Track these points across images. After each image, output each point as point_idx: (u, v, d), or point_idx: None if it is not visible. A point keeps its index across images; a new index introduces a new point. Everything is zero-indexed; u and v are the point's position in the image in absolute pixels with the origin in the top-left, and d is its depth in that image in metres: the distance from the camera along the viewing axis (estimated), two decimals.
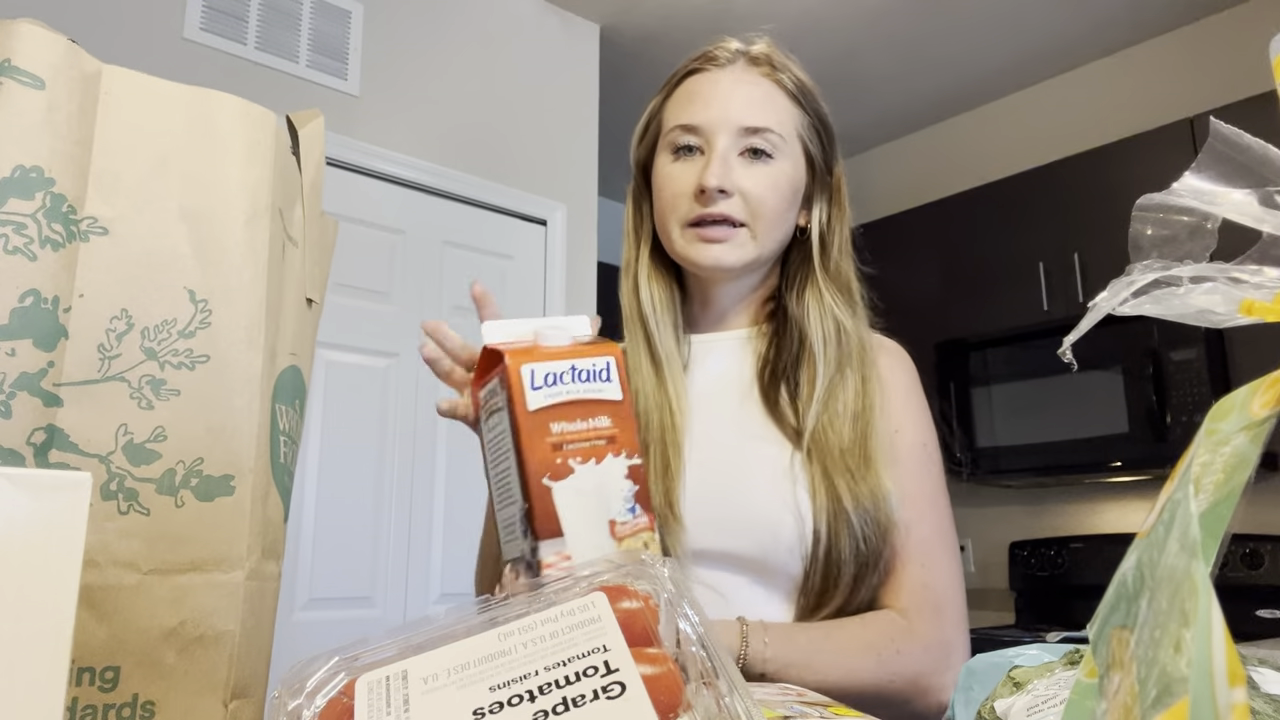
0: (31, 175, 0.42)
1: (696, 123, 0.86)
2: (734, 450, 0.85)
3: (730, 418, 0.87)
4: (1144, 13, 2.92)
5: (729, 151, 0.85)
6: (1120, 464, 2.60)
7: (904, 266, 3.11)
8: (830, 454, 0.81)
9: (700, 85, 0.88)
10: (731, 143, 0.85)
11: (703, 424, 0.87)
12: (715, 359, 0.91)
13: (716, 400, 0.88)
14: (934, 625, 0.79)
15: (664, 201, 0.88)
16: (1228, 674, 0.19)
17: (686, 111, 0.88)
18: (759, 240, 0.86)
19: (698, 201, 0.85)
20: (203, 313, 0.46)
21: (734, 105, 0.86)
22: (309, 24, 2.37)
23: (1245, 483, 0.22)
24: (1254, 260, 0.26)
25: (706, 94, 0.87)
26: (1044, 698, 0.42)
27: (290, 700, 0.33)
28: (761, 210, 0.85)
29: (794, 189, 0.88)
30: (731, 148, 0.85)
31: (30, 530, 0.28)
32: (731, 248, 0.85)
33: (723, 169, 0.83)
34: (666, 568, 0.36)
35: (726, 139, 0.85)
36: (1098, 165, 2.74)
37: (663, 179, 0.88)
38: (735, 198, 0.84)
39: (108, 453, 0.43)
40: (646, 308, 0.90)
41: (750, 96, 0.86)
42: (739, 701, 0.30)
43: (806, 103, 0.90)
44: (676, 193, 0.86)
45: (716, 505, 0.82)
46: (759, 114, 0.86)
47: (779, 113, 0.87)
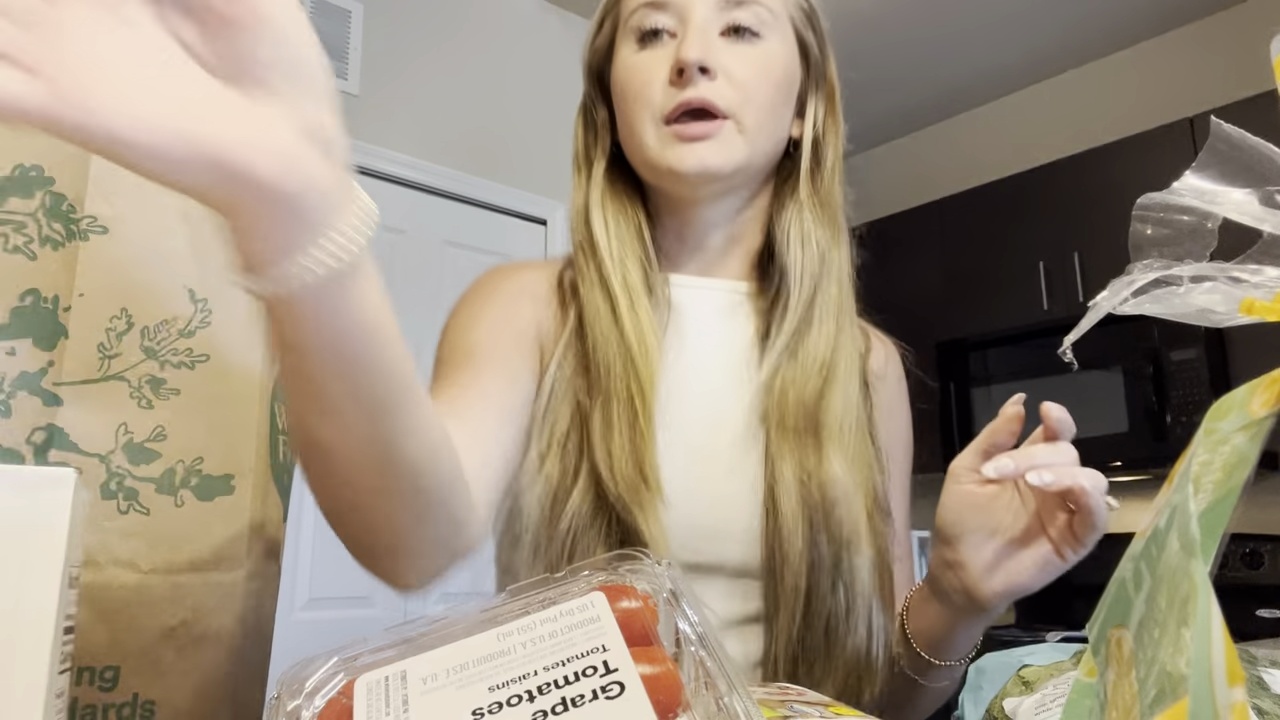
0: (31, 174, 0.42)
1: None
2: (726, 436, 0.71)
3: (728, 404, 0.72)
4: (1144, 12, 2.92)
5: (710, 25, 0.69)
6: (1120, 464, 2.60)
7: (904, 266, 3.11)
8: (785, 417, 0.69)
9: None
10: (711, 16, 0.70)
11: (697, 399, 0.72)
12: (707, 315, 0.75)
13: (711, 372, 0.73)
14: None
15: (630, 96, 0.71)
16: (1227, 673, 0.19)
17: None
18: (748, 136, 0.70)
19: (674, 86, 0.69)
20: (202, 312, 0.46)
21: None
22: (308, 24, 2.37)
23: (1244, 482, 0.22)
24: (1254, 260, 0.26)
25: None
26: (1053, 697, 0.43)
27: (289, 700, 0.33)
28: (751, 96, 0.69)
29: (787, 77, 0.73)
30: (711, 21, 0.70)
31: (14, 526, 0.28)
32: (718, 146, 0.69)
33: (702, 41, 0.68)
34: (666, 567, 0.36)
35: (704, 11, 0.69)
36: (1098, 165, 2.74)
37: (628, 70, 0.72)
38: (719, 79, 0.68)
39: (107, 452, 0.43)
40: (599, 235, 0.73)
41: None
42: (738, 701, 0.30)
43: None
44: (646, 81, 0.70)
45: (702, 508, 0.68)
46: None
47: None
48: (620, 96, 0.74)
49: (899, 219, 3.24)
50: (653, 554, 0.37)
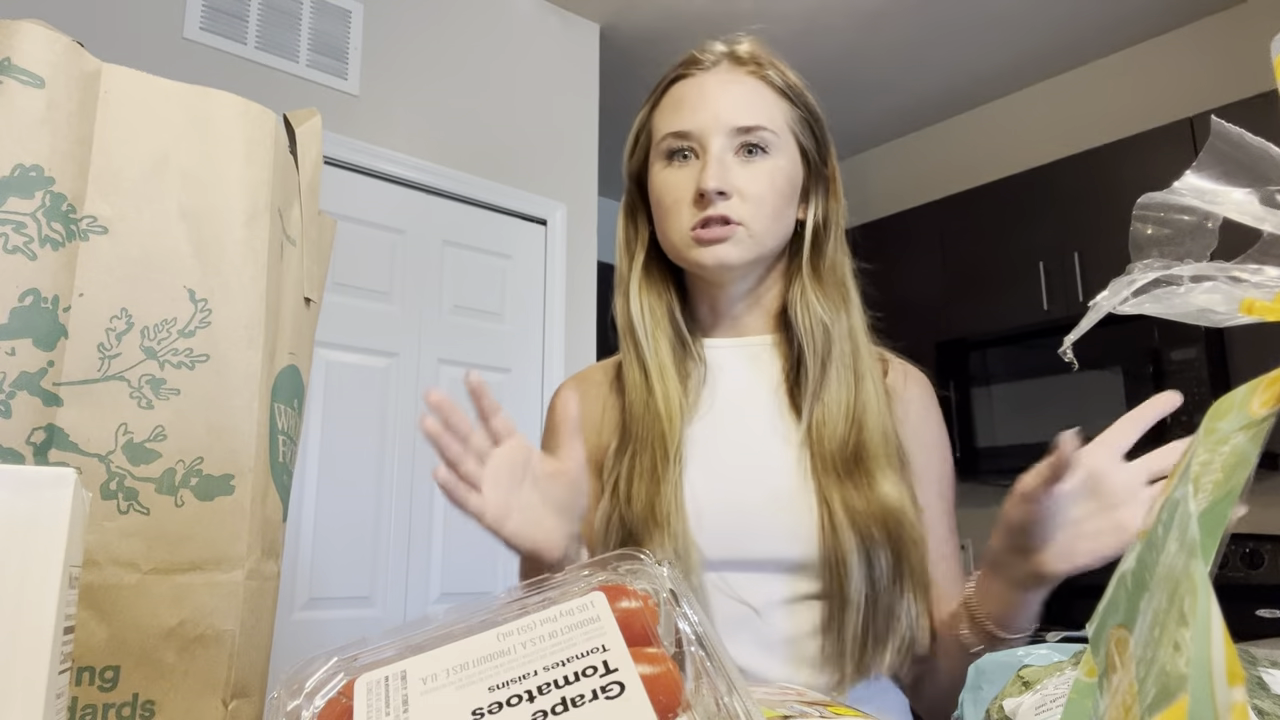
0: (31, 174, 0.42)
1: (687, 128, 0.86)
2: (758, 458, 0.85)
3: (760, 429, 0.87)
4: (1144, 13, 2.92)
5: (724, 152, 0.85)
6: None
7: (904, 266, 3.11)
8: (823, 454, 0.82)
9: (687, 91, 0.88)
10: (725, 143, 0.85)
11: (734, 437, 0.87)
12: (737, 366, 0.91)
13: (745, 411, 0.88)
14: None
15: (664, 209, 0.88)
16: (1227, 673, 0.19)
17: (676, 118, 0.88)
18: (757, 238, 0.85)
19: (697, 206, 0.85)
20: (202, 312, 0.46)
21: (723, 106, 0.86)
22: (309, 24, 2.37)
23: (1244, 482, 0.22)
24: (1254, 259, 0.26)
25: (694, 99, 0.87)
26: (1053, 697, 0.43)
27: (289, 700, 0.33)
28: (761, 208, 0.85)
29: (791, 184, 0.88)
30: (726, 148, 0.85)
31: (14, 526, 0.28)
32: (732, 245, 0.85)
33: (720, 171, 0.84)
34: (665, 567, 0.36)
35: (720, 140, 0.85)
36: (1098, 165, 2.74)
37: (660, 188, 0.88)
38: (733, 198, 0.84)
39: (107, 452, 0.43)
40: (636, 319, 0.90)
41: (738, 96, 0.86)
42: (738, 701, 0.30)
43: (795, 97, 0.89)
44: (677, 199, 0.86)
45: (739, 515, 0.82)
46: (749, 112, 0.86)
47: (769, 109, 0.87)
48: (656, 206, 0.90)
49: (899, 219, 3.24)
50: (654, 555, 0.37)
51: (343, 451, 2.26)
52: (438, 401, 0.64)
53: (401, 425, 2.38)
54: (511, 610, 0.35)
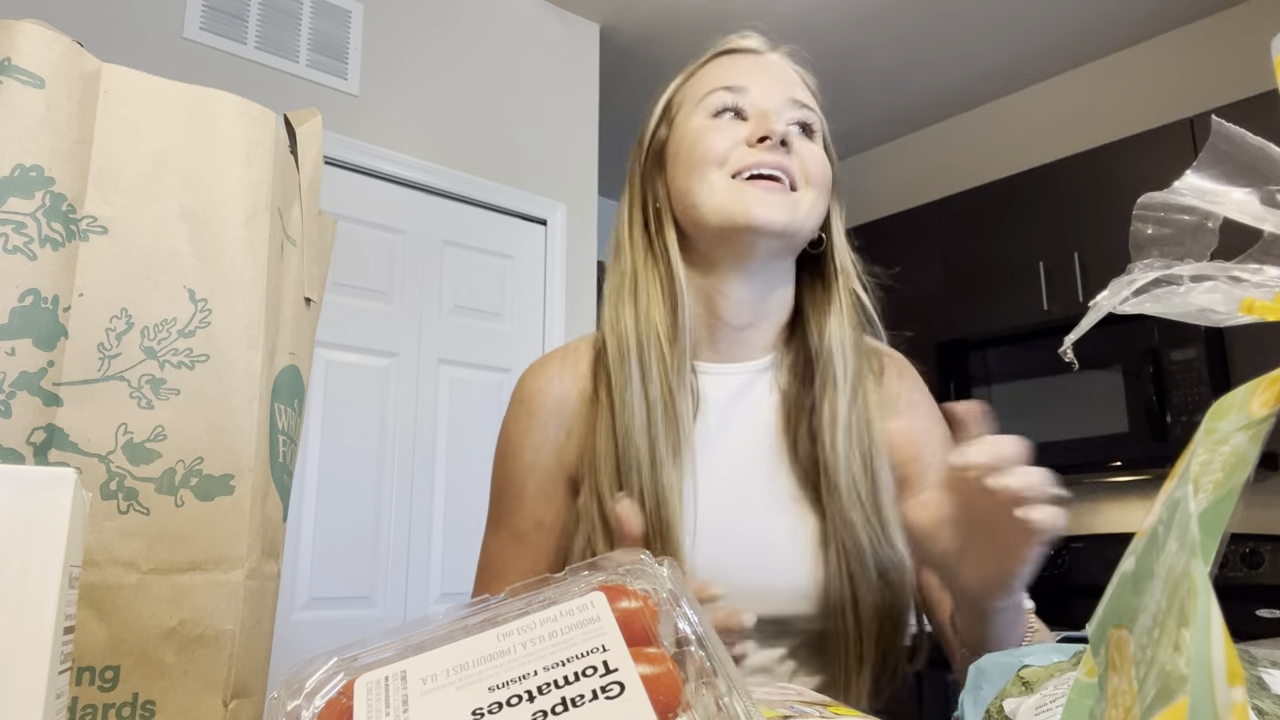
0: (31, 174, 0.42)
1: (743, 83, 0.80)
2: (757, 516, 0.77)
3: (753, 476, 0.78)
4: (1144, 13, 2.92)
5: (783, 115, 0.79)
6: (1120, 464, 2.60)
7: (904, 266, 3.09)
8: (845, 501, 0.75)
9: (738, 61, 0.83)
10: (783, 108, 0.79)
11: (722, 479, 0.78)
12: (731, 398, 0.82)
13: (737, 452, 0.80)
14: None
15: (701, 152, 0.77)
16: (1227, 673, 0.19)
17: (730, 74, 0.81)
18: (803, 210, 0.78)
19: (754, 150, 0.76)
20: (202, 312, 0.46)
21: (784, 80, 0.82)
22: (309, 24, 2.37)
23: (1244, 482, 0.22)
24: (1255, 259, 0.26)
25: (748, 66, 0.82)
26: (1053, 697, 0.43)
27: (289, 700, 0.33)
28: (814, 179, 0.79)
29: (831, 175, 0.82)
30: (784, 114, 0.79)
31: (14, 526, 0.28)
32: (784, 202, 0.76)
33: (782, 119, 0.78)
34: (665, 567, 0.36)
35: (780, 102, 0.79)
36: (1098, 165, 2.74)
37: (700, 132, 0.79)
38: (794, 158, 0.78)
39: (107, 452, 0.43)
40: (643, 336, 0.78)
41: (792, 78, 0.83)
42: (738, 701, 0.30)
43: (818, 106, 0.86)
44: (723, 142, 0.77)
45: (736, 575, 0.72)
46: (804, 93, 0.83)
47: (813, 99, 0.84)
48: (688, 155, 0.79)
49: (899, 219, 3.24)
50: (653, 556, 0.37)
51: (343, 451, 2.26)
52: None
53: (401, 425, 2.38)
54: (511, 610, 0.35)
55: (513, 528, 0.83)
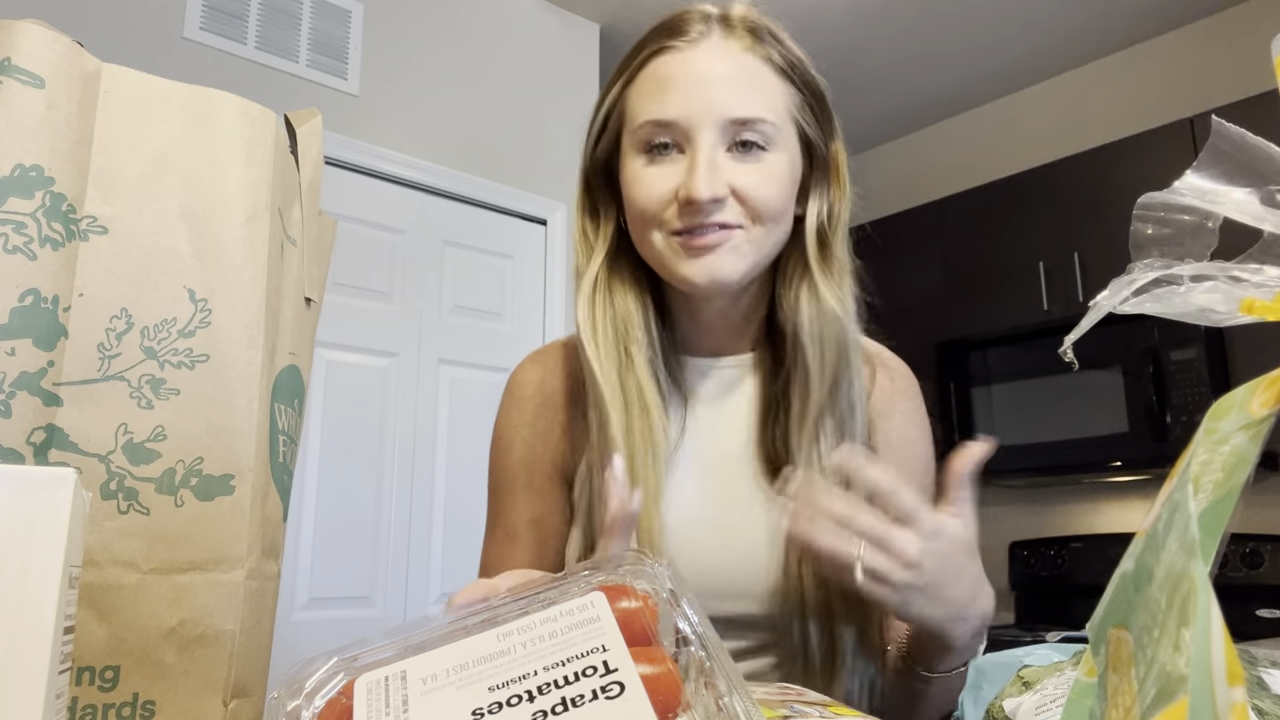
0: (31, 174, 0.42)
1: (671, 117, 0.70)
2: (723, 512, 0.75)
3: (723, 473, 0.76)
4: (1144, 13, 2.92)
5: (718, 150, 0.70)
6: (1120, 464, 2.60)
7: (904, 266, 3.11)
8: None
9: (670, 69, 0.72)
10: (717, 138, 0.70)
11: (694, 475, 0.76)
12: (713, 396, 0.79)
13: (711, 447, 0.77)
14: None
15: (638, 208, 0.73)
16: (1227, 673, 0.19)
17: (657, 104, 0.71)
18: (757, 244, 0.72)
19: (682, 212, 0.71)
20: (202, 312, 0.46)
21: (716, 93, 0.70)
22: (309, 24, 2.37)
23: (1244, 482, 0.22)
24: (1255, 259, 0.26)
25: (681, 81, 0.71)
26: (1053, 697, 0.43)
27: (289, 700, 0.33)
28: (760, 211, 0.71)
29: (793, 179, 0.74)
30: (719, 145, 0.70)
31: (14, 526, 0.28)
32: (729, 256, 0.71)
33: (711, 174, 0.69)
34: (666, 567, 0.36)
35: (711, 135, 0.70)
36: (1098, 165, 2.74)
37: (635, 184, 0.73)
38: (729, 202, 0.70)
39: (107, 452, 0.43)
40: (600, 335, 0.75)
41: (734, 79, 0.71)
42: (738, 701, 0.30)
43: (798, 75, 0.74)
44: (659, 199, 0.71)
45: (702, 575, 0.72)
46: (747, 102, 0.70)
47: (770, 96, 0.72)
48: (629, 203, 0.75)
49: (899, 219, 3.24)
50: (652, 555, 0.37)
51: (343, 451, 2.26)
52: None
53: (401, 425, 2.38)
54: (511, 610, 0.35)
55: (507, 526, 0.81)
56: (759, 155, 0.71)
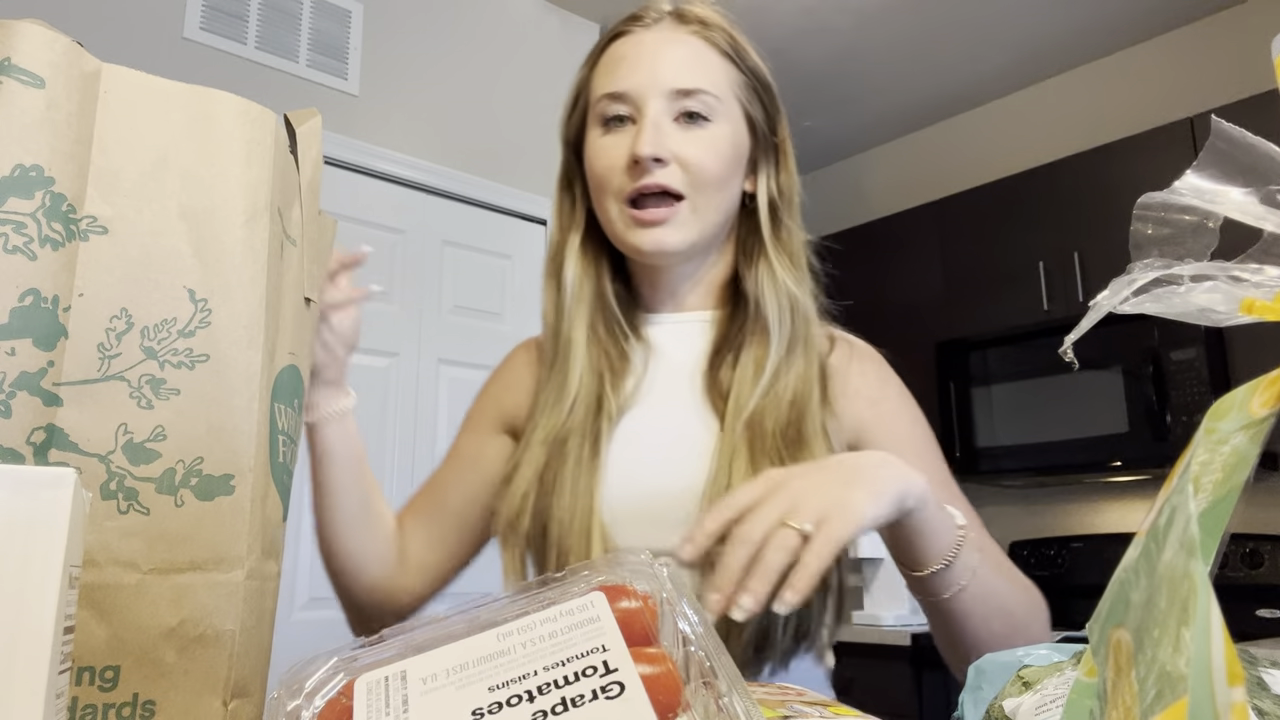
0: (31, 174, 0.42)
1: (623, 89, 0.79)
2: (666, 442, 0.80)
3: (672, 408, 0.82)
4: (1144, 13, 2.92)
5: (662, 117, 0.78)
6: (1120, 464, 2.60)
7: (904, 266, 3.11)
8: (763, 437, 0.76)
9: (625, 49, 0.81)
10: (664, 107, 0.78)
11: (645, 416, 0.81)
12: (675, 344, 0.85)
13: (666, 390, 0.83)
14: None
15: (596, 178, 0.81)
16: (1227, 673, 0.19)
17: (613, 78, 0.80)
18: (700, 214, 0.79)
19: (631, 174, 0.78)
20: (202, 312, 0.46)
21: (662, 66, 0.78)
22: (309, 24, 2.37)
23: (1244, 482, 0.22)
24: (1255, 259, 0.26)
25: (632, 57, 0.80)
26: (1053, 697, 0.43)
27: (289, 700, 0.33)
28: (702, 178, 0.78)
29: (736, 153, 0.81)
30: (664, 112, 0.78)
31: (14, 526, 0.28)
32: (673, 228, 0.78)
33: (656, 135, 0.77)
34: (666, 568, 0.36)
35: (658, 103, 0.78)
36: (1098, 165, 2.74)
37: (593, 154, 0.81)
38: (672, 166, 0.77)
39: (107, 452, 0.43)
40: (567, 299, 0.84)
41: (679, 56, 0.79)
42: (738, 701, 0.30)
43: (741, 60, 0.82)
44: (609, 166, 0.79)
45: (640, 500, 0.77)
46: (690, 74, 0.78)
47: (711, 72, 0.80)
48: (589, 175, 0.83)
49: (899, 219, 3.24)
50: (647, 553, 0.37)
51: None
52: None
53: (401, 425, 2.38)
54: (511, 610, 0.35)
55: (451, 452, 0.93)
56: (702, 125, 0.79)
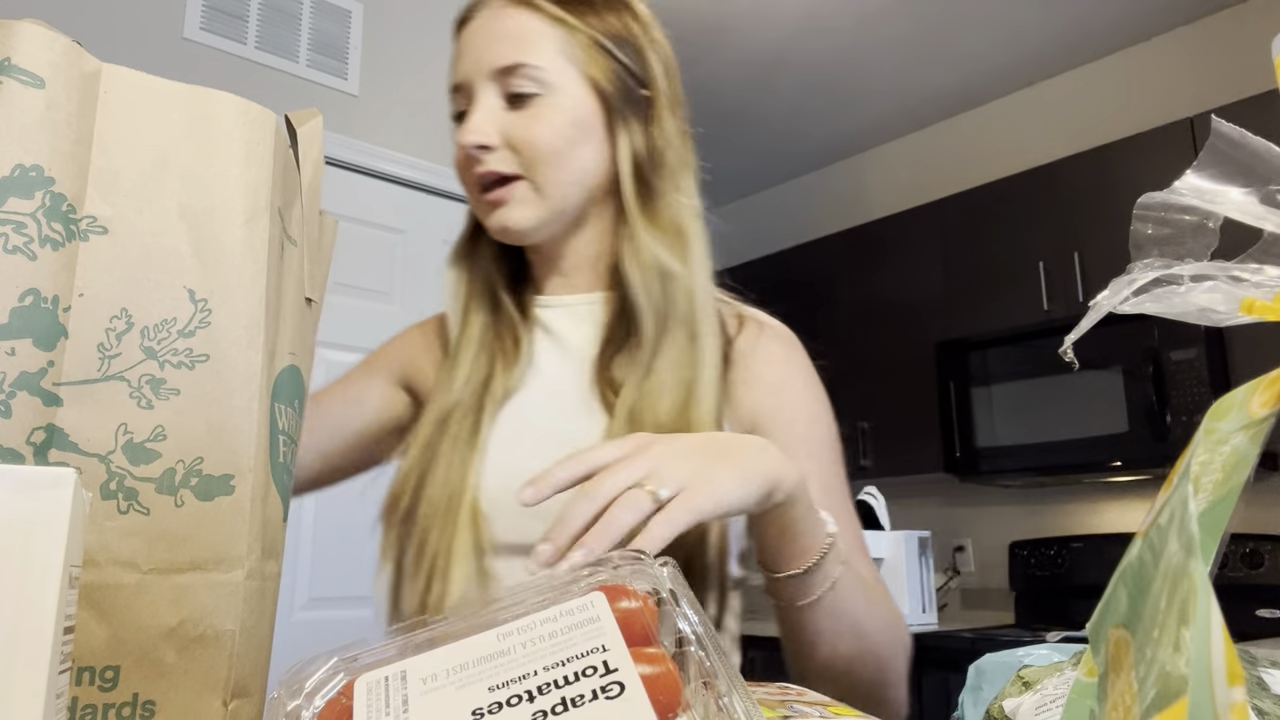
0: (31, 174, 0.42)
1: (457, 80, 0.78)
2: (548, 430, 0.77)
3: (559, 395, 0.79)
4: (1144, 13, 2.92)
5: (491, 102, 0.75)
6: (1120, 464, 2.60)
7: (904, 266, 3.11)
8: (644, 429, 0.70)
9: (460, 41, 0.79)
10: (490, 90, 0.75)
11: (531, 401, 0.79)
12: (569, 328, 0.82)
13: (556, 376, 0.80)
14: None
15: (458, 174, 0.80)
16: (1227, 673, 0.19)
17: (453, 72, 0.79)
18: (544, 191, 0.76)
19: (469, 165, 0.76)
20: (202, 312, 0.46)
21: (484, 49, 0.76)
22: (309, 24, 2.37)
23: (1244, 482, 0.22)
24: (1255, 259, 0.26)
25: (463, 47, 0.78)
26: (1053, 697, 0.43)
27: (289, 700, 0.33)
28: (535, 156, 0.74)
29: (576, 123, 0.76)
30: (492, 96, 0.75)
31: (14, 526, 0.28)
32: (514, 207, 0.76)
33: (480, 123, 0.75)
34: (666, 568, 0.36)
35: (485, 88, 0.75)
36: (1098, 165, 2.74)
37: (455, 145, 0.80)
38: (502, 150, 0.75)
39: (107, 452, 0.43)
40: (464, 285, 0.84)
41: (498, 34, 0.76)
42: (738, 701, 0.30)
43: (579, 21, 0.77)
44: (458, 161, 0.78)
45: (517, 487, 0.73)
46: (508, 50, 0.75)
47: (534, 43, 0.75)
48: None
49: (899, 219, 3.24)
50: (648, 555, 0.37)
51: None
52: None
53: None
54: (511, 610, 0.35)
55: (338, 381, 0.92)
56: (533, 101, 0.75)
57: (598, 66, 0.77)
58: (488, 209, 0.77)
